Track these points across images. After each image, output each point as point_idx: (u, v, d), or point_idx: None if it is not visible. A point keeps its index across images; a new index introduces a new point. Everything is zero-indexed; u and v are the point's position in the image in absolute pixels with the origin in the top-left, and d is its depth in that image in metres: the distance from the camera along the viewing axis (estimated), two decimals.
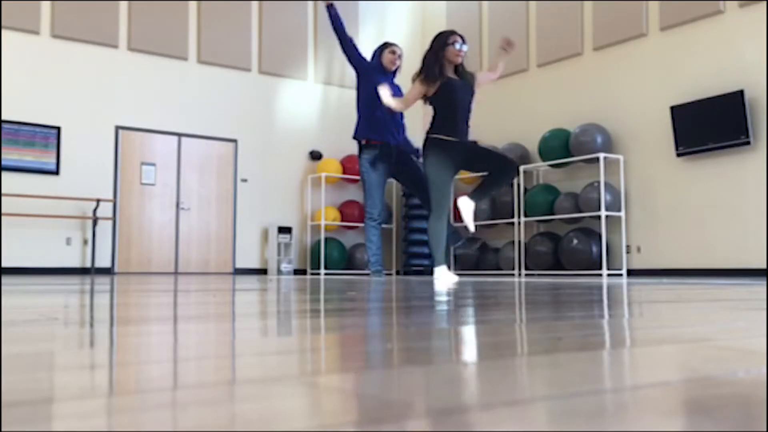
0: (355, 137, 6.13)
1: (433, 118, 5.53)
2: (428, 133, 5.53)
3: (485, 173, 5.51)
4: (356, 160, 11.09)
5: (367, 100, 6.04)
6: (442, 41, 5.53)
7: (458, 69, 5.59)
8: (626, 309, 1.71)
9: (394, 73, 6.20)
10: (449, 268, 9.82)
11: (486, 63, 11.12)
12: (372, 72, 6.07)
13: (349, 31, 11.48)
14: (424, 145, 5.56)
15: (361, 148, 6.10)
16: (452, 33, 5.58)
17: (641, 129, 8.96)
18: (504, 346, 0.90)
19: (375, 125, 6.02)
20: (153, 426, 0.43)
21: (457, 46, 5.48)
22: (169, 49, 10.23)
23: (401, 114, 6.10)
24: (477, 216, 9.36)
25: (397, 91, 6.15)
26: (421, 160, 5.71)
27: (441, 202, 5.50)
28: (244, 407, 0.48)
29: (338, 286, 3.57)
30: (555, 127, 9.70)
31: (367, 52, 6.36)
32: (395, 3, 12.28)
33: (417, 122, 10.19)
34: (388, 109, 5.83)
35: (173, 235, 10.21)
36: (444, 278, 5.44)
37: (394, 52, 6.13)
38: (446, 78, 5.47)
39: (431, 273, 5.65)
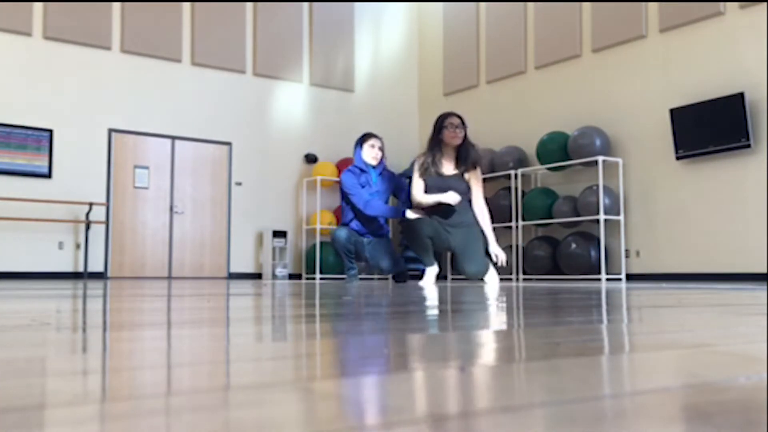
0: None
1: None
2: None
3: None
4: (352, 162, 11.11)
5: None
6: (438, 125, 5.55)
7: (461, 152, 5.55)
8: (625, 314, 1.71)
9: (380, 163, 6.09)
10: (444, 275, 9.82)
11: (484, 66, 11.13)
12: (362, 191, 5.97)
13: (345, 33, 11.58)
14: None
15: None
16: (448, 115, 5.58)
17: (640, 132, 8.94)
18: (501, 351, 0.89)
19: (363, 223, 6.17)
20: None
21: (451, 128, 5.48)
22: (162, 50, 10.22)
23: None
24: None
25: (387, 181, 6.12)
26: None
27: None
28: (238, 413, 0.48)
29: (334, 291, 3.57)
30: (553, 130, 9.69)
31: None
32: (391, 4, 12.28)
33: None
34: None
35: (167, 239, 10.19)
36: (428, 280, 5.47)
37: (373, 146, 6.03)
38: (436, 176, 5.49)
39: (422, 277, 5.68)
